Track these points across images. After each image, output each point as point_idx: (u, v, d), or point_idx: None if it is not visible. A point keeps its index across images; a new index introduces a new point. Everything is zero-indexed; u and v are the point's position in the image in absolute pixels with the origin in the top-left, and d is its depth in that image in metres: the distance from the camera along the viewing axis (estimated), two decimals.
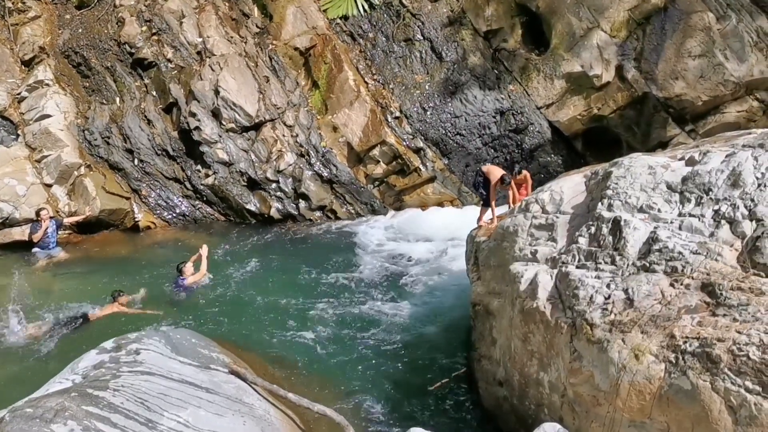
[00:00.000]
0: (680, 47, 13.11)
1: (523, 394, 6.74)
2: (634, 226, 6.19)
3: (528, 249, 7.22)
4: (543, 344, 6.32)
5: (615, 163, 7.14)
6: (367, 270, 12.18)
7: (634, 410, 5.18)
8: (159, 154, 15.43)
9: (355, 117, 14.67)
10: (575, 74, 13.70)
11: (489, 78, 14.45)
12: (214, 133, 14.96)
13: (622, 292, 5.72)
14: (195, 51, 15.71)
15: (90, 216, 14.51)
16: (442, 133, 14.47)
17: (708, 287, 5.33)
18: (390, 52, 15.12)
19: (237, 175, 14.97)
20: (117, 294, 10.75)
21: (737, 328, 4.86)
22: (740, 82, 12.87)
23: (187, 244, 14.01)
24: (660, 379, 5.04)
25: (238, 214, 15.19)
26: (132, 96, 15.84)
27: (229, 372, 7.40)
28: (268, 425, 6.59)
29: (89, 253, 13.91)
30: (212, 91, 15.04)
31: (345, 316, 10.30)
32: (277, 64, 15.56)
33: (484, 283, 8.34)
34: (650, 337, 5.24)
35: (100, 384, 6.22)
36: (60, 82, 15.98)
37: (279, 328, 9.90)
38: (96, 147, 15.42)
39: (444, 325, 9.92)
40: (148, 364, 6.89)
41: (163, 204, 15.31)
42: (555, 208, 7.44)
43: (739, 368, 4.67)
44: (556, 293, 6.37)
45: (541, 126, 14.13)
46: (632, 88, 13.43)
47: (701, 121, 13.40)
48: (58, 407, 5.55)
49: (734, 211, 5.78)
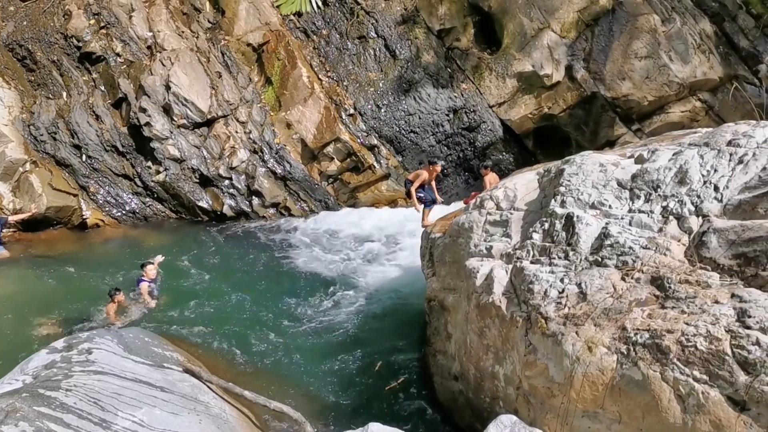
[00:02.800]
0: (627, 48, 13.47)
1: (478, 388, 6.84)
2: (586, 222, 6.34)
3: (483, 245, 7.32)
4: (499, 338, 6.43)
5: (567, 161, 7.30)
6: (322, 267, 12.17)
7: (588, 401, 5.32)
8: (108, 150, 15.10)
9: (309, 114, 14.62)
10: (526, 73, 13.93)
11: (442, 76, 14.58)
12: (165, 129, 14.71)
13: (575, 286, 5.87)
14: (145, 45, 15.42)
15: (36, 213, 14.10)
16: (396, 130, 14.54)
17: (657, 281, 5.51)
18: (344, 49, 15.11)
19: (189, 172, 14.76)
20: (113, 292, 10.29)
21: (685, 320, 5.04)
22: (684, 83, 13.29)
23: (137, 242, 13.78)
24: (612, 370, 5.19)
25: (190, 212, 14.98)
26: (79, 90, 15.46)
27: (183, 370, 7.32)
28: (224, 423, 6.54)
29: (35, 251, 13.52)
30: (163, 86, 14.79)
31: (299, 314, 10.28)
32: (229, 59, 15.39)
33: (439, 279, 8.42)
34: (603, 329, 5.39)
35: (51, 384, 6.08)
36: (4, 75, 15.49)
37: (233, 327, 9.81)
38: (42, 143, 15.00)
39: (399, 322, 9.98)
40: (101, 363, 6.77)
41: (112, 201, 14.99)
42: (509, 204, 7.56)
43: (687, 358, 4.84)
44: (511, 288, 6.49)
45: (493, 124, 14.32)
46: (581, 87, 13.73)
47: (647, 121, 13.80)
48: (8, 408, 5.41)
49: (681, 207, 5.98)
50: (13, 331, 9.82)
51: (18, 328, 9.91)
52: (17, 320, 10.14)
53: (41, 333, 9.61)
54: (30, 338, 9.42)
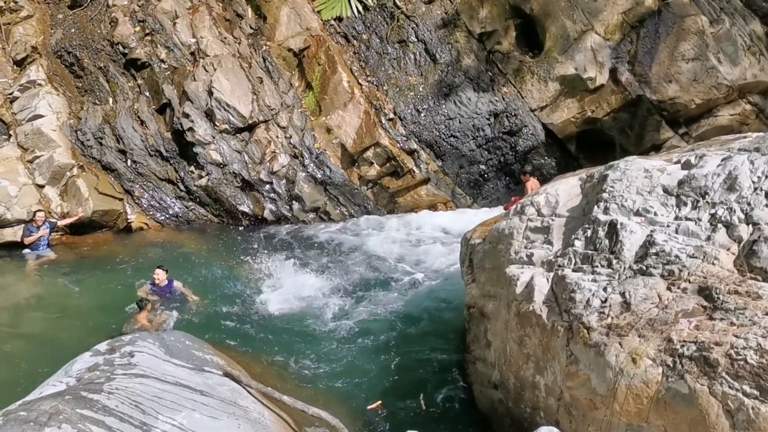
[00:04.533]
0: (674, 50, 13.17)
1: (518, 398, 6.73)
2: (630, 229, 6.19)
3: (524, 252, 7.20)
4: (539, 347, 6.32)
5: (611, 166, 7.14)
6: (361, 272, 12.16)
7: (632, 414, 5.18)
8: (152, 155, 15.37)
9: (349, 119, 14.65)
10: (569, 77, 13.74)
11: (483, 80, 14.47)
12: (207, 134, 14.91)
13: (618, 296, 5.72)
14: (188, 51, 15.65)
15: (83, 217, 14.42)
16: (436, 135, 14.48)
17: (705, 291, 5.34)
18: (384, 53, 15.11)
19: (230, 177, 14.93)
20: (143, 303, 10.20)
21: (734, 332, 4.87)
22: (733, 85, 12.94)
23: (180, 246, 13.97)
24: (657, 383, 5.04)
25: (231, 216, 15.14)
26: (125, 96, 15.77)
27: (223, 375, 7.36)
28: (262, 428, 6.55)
29: (81, 254, 13.82)
30: (206, 91, 14.99)
31: (338, 319, 10.28)
32: (270, 65, 15.52)
33: (478, 285, 8.32)
34: (647, 340, 5.24)
35: (94, 387, 6.17)
36: (52, 82, 15.89)
37: (272, 331, 9.87)
38: (89, 147, 15.34)
39: (438, 328, 9.90)
40: (142, 366, 6.84)
41: (156, 205, 15.25)
42: (550, 210, 7.43)
43: (736, 372, 4.67)
44: (552, 296, 6.37)
45: (535, 128, 14.15)
46: (626, 90, 13.47)
47: (694, 125, 13.47)
48: (52, 410, 5.50)
49: (731, 214, 5.79)
50: (58, 333, 10.05)
51: (63, 330, 10.14)
52: (63, 322, 10.38)
53: (85, 335, 9.80)
54: (74, 340, 9.60)
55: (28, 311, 10.85)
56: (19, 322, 10.58)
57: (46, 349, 9.45)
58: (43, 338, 9.79)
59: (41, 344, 9.63)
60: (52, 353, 9.16)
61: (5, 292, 11.91)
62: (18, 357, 9.29)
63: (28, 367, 8.89)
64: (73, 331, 10.03)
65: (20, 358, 9.23)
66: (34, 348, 9.51)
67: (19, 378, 8.52)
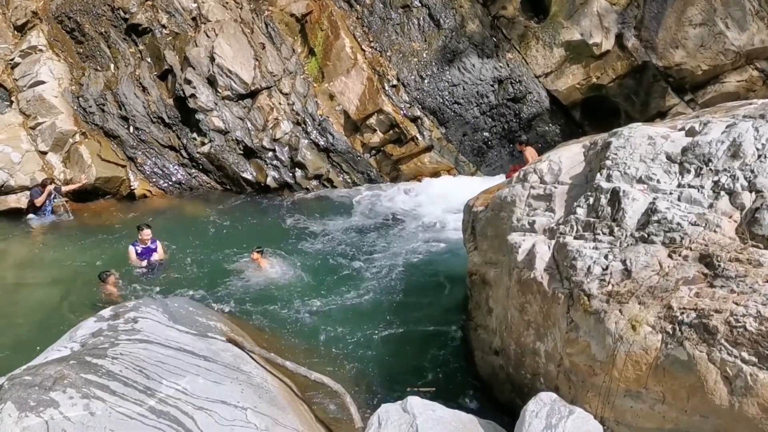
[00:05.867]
0: (681, 15, 12.97)
1: (519, 364, 6.78)
2: (632, 196, 6.16)
3: (526, 219, 7.19)
4: (540, 314, 6.34)
5: (614, 133, 7.08)
6: (363, 239, 12.18)
7: (630, 380, 5.21)
8: (154, 122, 15.31)
9: (352, 85, 14.54)
10: (574, 42, 13.58)
11: (487, 46, 14.31)
12: (209, 101, 14.83)
13: (620, 263, 5.72)
14: (190, 17, 15.50)
15: (86, 184, 14.44)
16: (440, 101, 14.37)
17: (706, 259, 5.33)
18: (387, 18, 14.93)
19: (233, 144, 14.89)
20: (105, 275, 10.24)
21: (735, 299, 4.87)
22: (741, 51, 12.77)
23: (183, 213, 14.01)
24: (656, 350, 5.06)
25: (234, 183, 15.13)
26: (126, 62, 15.66)
27: (226, 340, 7.42)
28: (265, 393, 6.62)
29: (85, 220, 13.88)
30: (207, 57, 14.87)
31: (340, 285, 10.32)
32: (273, 30, 15.37)
33: (480, 253, 8.33)
34: (647, 308, 5.25)
35: (98, 352, 6.23)
36: (53, 47, 15.78)
37: (274, 297, 9.93)
38: (91, 114, 15.28)
39: (440, 295, 9.95)
40: (146, 332, 6.90)
41: (158, 172, 15.24)
42: (553, 178, 7.39)
43: (735, 339, 4.68)
44: (553, 264, 6.37)
45: (539, 95, 14.04)
46: (632, 56, 13.32)
47: (700, 91, 13.34)
48: (57, 375, 5.56)
49: (734, 182, 5.75)
50: (62, 299, 10.13)
51: (67, 296, 10.22)
52: (66, 288, 10.46)
53: (90, 300, 9.87)
54: (78, 306, 9.68)
55: (32, 277, 10.93)
56: (23, 288, 10.65)
57: (50, 315, 9.55)
58: (47, 304, 9.87)
59: (45, 310, 9.72)
60: (56, 319, 9.28)
61: (9, 258, 12.00)
62: (22, 323, 9.39)
63: (33, 332, 9.00)
64: (76, 296, 10.11)
65: (24, 324, 9.34)
66: (38, 313, 9.61)
67: (23, 343, 8.62)
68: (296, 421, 6.34)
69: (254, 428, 5.86)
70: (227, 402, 6.04)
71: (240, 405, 6.08)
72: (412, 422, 5.64)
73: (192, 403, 5.86)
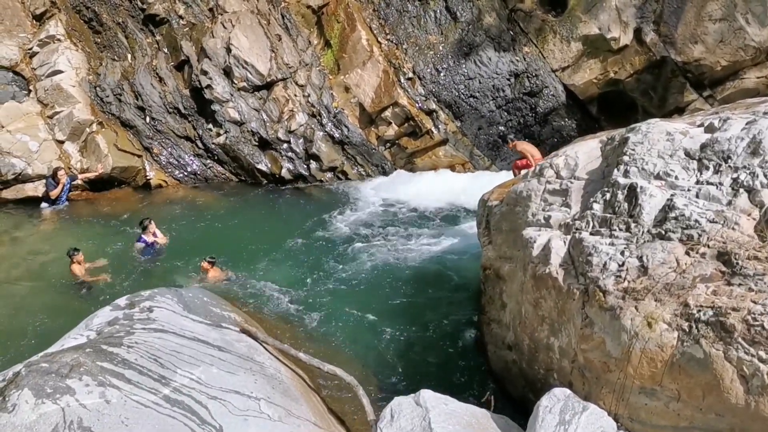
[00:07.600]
0: (701, 10, 12.81)
1: (532, 359, 6.76)
2: (650, 193, 6.12)
3: (541, 214, 7.16)
4: (554, 310, 6.32)
5: (632, 129, 7.03)
6: (378, 232, 12.19)
7: (645, 377, 5.19)
8: (170, 112, 15.37)
9: (368, 77, 14.51)
10: (592, 37, 13.46)
11: (504, 39, 14.22)
12: (225, 92, 14.86)
13: (636, 260, 5.68)
14: (207, 7, 15.52)
15: (102, 173, 14.53)
16: (455, 95, 14.32)
17: (724, 256, 5.29)
18: (404, 11, 14.87)
19: (248, 135, 14.91)
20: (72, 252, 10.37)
21: (752, 297, 4.83)
22: (761, 47, 12.59)
23: (197, 203, 14.06)
24: (672, 347, 5.03)
25: (249, 174, 15.17)
26: (143, 53, 15.71)
27: (240, 331, 7.46)
28: (278, 383, 6.66)
29: (100, 209, 13.96)
30: (224, 48, 14.90)
31: (355, 278, 10.34)
32: (289, 22, 15.36)
33: (495, 247, 8.31)
34: (664, 305, 5.22)
35: (114, 340, 6.29)
36: (71, 37, 15.84)
37: (289, 289, 9.96)
38: (108, 104, 15.36)
39: (453, 289, 9.94)
40: (161, 321, 6.96)
41: (174, 162, 15.30)
42: (569, 173, 7.35)
43: (753, 338, 4.65)
44: (569, 259, 6.34)
45: (556, 89, 13.94)
46: (650, 51, 13.18)
47: (719, 87, 13.17)
48: (73, 362, 5.62)
49: (753, 179, 5.69)
50: (79, 287, 10.20)
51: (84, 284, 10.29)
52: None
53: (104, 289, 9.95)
54: (95, 294, 9.75)
55: (48, 265, 11.02)
56: (40, 276, 10.75)
57: (66, 303, 9.63)
58: (64, 292, 9.95)
59: (62, 298, 9.80)
60: (73, 306, 9.36)
61: (26, 246, 12.10)
62: (39, 310, 9.47)
63: (49, 320, 9.08)
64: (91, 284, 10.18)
65: (41, 311, 9.42)
66: (55, 301, 9.70)
67: (40, 331, 8.72)
68: (309, 413, 6.37)
69: (267, 418, 5.90)
70: (241, 392, 6.08)
71: (253, 395, 6.11)
72: (425, 415, 5.64)
73: (206, 393, 5.90)
